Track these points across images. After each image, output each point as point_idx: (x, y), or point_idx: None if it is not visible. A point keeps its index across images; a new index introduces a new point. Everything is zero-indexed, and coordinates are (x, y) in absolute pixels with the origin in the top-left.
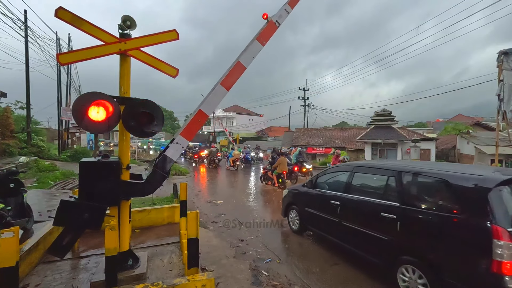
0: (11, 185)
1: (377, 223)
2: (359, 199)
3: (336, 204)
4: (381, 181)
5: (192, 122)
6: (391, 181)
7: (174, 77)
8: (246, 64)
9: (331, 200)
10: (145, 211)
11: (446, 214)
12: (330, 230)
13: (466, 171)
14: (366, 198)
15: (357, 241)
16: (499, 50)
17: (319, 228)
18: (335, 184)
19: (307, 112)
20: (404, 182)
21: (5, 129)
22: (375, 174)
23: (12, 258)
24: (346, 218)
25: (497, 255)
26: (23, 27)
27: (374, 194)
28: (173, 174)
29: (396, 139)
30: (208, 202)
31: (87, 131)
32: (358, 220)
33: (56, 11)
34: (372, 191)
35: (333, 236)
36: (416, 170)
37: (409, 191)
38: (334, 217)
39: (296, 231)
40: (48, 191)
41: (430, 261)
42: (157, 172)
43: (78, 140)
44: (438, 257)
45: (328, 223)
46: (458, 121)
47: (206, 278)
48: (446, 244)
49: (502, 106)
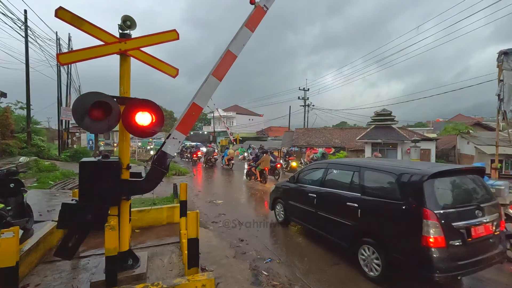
0: (11, 185)
1: (344, 211)
2: (330, 191)
3: (313, 197)
4: (347, 175)
5: (187, 115)
6: (355, 176)
7: (174, 77)
8: (236, 52)
9: (309, 193)
10: (145, 211)
11: (394, 201)
12: (308, 219)
13: (409, 166)
14: (336, 190)
15: (329, 227)
16: (499, 50)
17: (300, 219)
18: (313, 179)
19: (307, 112)
20: (364, 176)
21: (5, 129)
22: (343, 170)
23: (12, 258)
24: (321, 208)
25: (425, 232)
26: (23, 27)
27: (342, 187)
28: (173, 174)
29: (396, 139)
30: (208, 202)
31: (87, 131)
32: (329, 210)
33: (56, 11)
34: (341, 184)
35: (311, 224)
36: (372, 166)
37: (367, 183)
38: (312, 208)
39: (281, 222)
40: (48, 191)
41: (381, 241)
42: (156, 169)
43: (78, 140)
44: (387, 237)
45: (307, 214)
46: (458, 121)
47: (206, 278)
48: (393, 226)
49: (502, 106)
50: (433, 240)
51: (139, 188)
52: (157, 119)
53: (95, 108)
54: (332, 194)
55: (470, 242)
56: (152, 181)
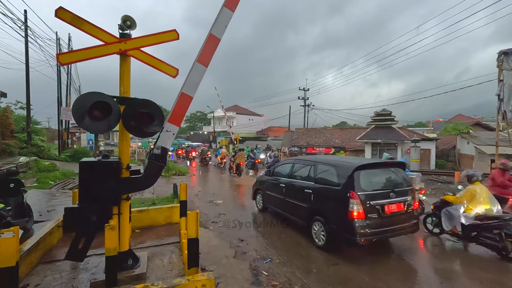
0: (11, 185)
1: (303, 197)
2: (295, 181)
3: (283, 186)
4: (306, 169)
5: (178, 106)
6: (311, 169)
7: (174, 77)
8: (219, 35)
9: (280, 184)
10: (145, 211)
11: (333, 187)
12: (279, 205)
13: (345, 161)
14: (298, 181)
15: (293, 210)
16: (499, 50)
17: (274, 205)
18: (283, 172)
19: (307, 112)
20: (317, 169)
21: (5, 129)
22: (304, 164)
23: (12, 258)
24: (288, 196)
25: (351, 208)
26: (23, 27)
27: (303, 178)
28: (173, 174)
29: (396, 139)
30: (208, 202)
31: (87, 131)
32: (293, 196)
33: (56, 11)
34: (301, 176)
35: (281, 209)
36: (322, 161)
37: (318, 174)
38: (282, 196)
39: (260, 209)
40: (48, 191)
41: (325, 217)
42: (154, 163)
43: (78, 140)
44: (329, 214)
45: (278, 201)
46: (458, 121)
47: (206, 278)
48: (333, 205)
49: (502, 106)
50: (356, 214)
51: (139, 185)
52: (157, 119)
53: (95, 108)
54: (296, 183)
55: (384, 216)
56: (151, 176)
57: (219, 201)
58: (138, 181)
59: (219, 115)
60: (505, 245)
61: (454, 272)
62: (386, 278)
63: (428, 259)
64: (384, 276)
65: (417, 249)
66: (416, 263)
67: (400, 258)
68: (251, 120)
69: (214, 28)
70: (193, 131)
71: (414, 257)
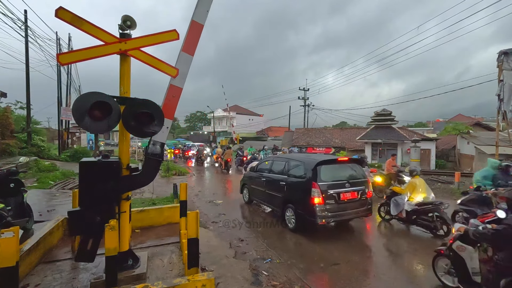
0: (11, 185)
1: (279, 188)
2: (273, 175)
3: (264, 180)
4: (282, 165)
5: (168, 99)
6: (285, 165)
7: (174, 77)
8: (201, 21)
9: (262, 178)
10: (145, 211)
11: (300, 179)
12: (261, 197)
13: (310, 157)
14: (276, 175)
15: (271, 200)
16: (499, 50)
17: (257, 197)
18: (265, 168)
19: (307, 112)
20: (289, 165)
21: (5, 129)
22: (280, 161)
23: (12, 258)
24: (268, 188)
25: (312, 195)
26: (23, 27)
27: (279, 173)
28: (173, 174)
29: (396, 139)
30: (208, 202)
31: (87, 131)
32: (272, 188)
33: (56, 11)
34: (278, 171)
35: (262, 200)
36: (292, 158)
37: (289, 169)
38: (263, 188)
39: (246, 202)
40: (48, 191)
41: (294, 204)
42: (151, 159)
43: (78, 140)
44: (297, 201)
45: (260, 193)
46: (458, 121)
47: (206, 278)
48: (300, 194)
49: (502, 106)
50: (316, 201)
51: (139, 182)
52: (157, 119)
53: (95, 108)
54: (273, 177)
55: (340, 202)
56: (149, 172)
57: (219, 201)
58: (137, 178)
59: (219, 115)
60: (436, 224)
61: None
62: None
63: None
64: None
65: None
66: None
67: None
68: (251, 120)
69: (195, 15)
70: (193, 131)
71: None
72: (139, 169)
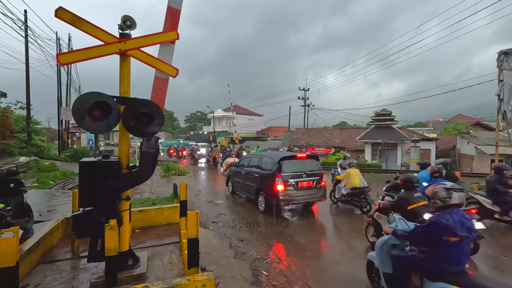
0: (11, 185)
1: (254, 179)
2: (250, 169)
3: (243, 174)
4: (256, 160)
5: (155, 92)
6: (259, 160)
7: (174, 77)
8: (178, 6)
9: (242, 172)
10: (145, 211)
11: (269, 171)
12: (241, 187)
13: (276, 154)
14: (252, 169)
15: (248, 189)
16: (499, 50)
17: (238, 188)
18: (244, 164)
19: (307, 112)
20: (262, 160)
21: (5, 129)
22: (255, 158)
23: (12, 258)
24: (246, 180)
25: (276, 183)
26: (23, 27)
27: (254, 167)
28: (173, 174)
29: (396, 139)
30: (208, 202)
31: (87, 131)
32: (249, 180)
33: (56, 11)
34: (254, 165)
35: (242, 190)
36: (263, 155)
37: (261, 164)
38: (242, 180)
39: (230, 193)
40: (48, 191)
41: (264, 191)
42: (147, 153)
43: (78, 140)
44: (266, 188)
45: (240, 184)
46: (458, 121)
47: (206, 278)
48: (268, 183)
49: (502, 106)
50: (279, 188)
51: (137, 178)
52: (157, 119)
53: (95, 108)
54: (251, 171)
55: (298, 189)
56: (147, 167)
57: (219, 201)
58: (135, 174)
59: (219, 115)
60: (362, 204)
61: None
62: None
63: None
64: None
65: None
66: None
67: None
68: (251, 120)
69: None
70: (193, 131)
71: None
72: None
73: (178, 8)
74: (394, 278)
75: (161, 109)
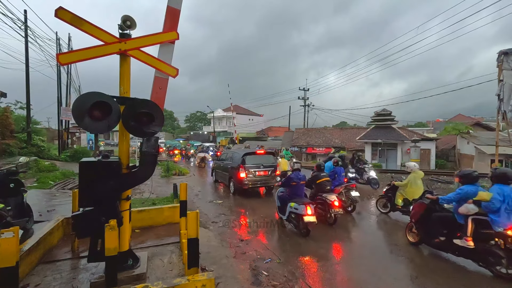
0: (11, 185)
1: (227, 170)
2: (226, 162)
3: (221, 165)
4: (230, 156)
5: (155, 92)
6: (231, 156)
7: (174, 77)
8: (177, 5)
9: (221, 164)
10: (145, 211)
11: (236, 164)
12: (220, 177)
13: (243, 151)
14: (227, 162)
15: (224, 178)
16: (499, 50)
17: (218, 177)
18: (223, 158)
19: (307, 112)
20: (233, 156)
21: (5, 129)
22: (230, 154)
23: (12, 258)
24: (223, 170)
25: (240, 172)
26: (23, 27)
27: (229, 160)
28: (173, 174)
29: (396, 139)
30: (208, 202)
31: (87, 131)
32: (225, 170)
33: (56, 11)
34: (228, 159)
35: (220, 179)
36: (234, 151)
37: (232, 159)
38: (221, 171)
39: (214, 181)
40: (48, 191)
41: (233, 178)
42: (147, 153)
43: (78, 140)
44: (233, 176)
45: (220, 174)
46: (458, 121)
47: (206, 278)
48: (235, 172)
49: (502, 106)
50: (242, 176)
51: (137, 178)
52: (157, 119)
53: (95, 108)
54: (226, 163)
55: (256, 176)
56: (147, 167)
57: (219, 200)
58: (135, 174)
59: (219, 115)
60: None
61: None
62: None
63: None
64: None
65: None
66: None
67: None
68: (251, 120)
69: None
70: (193, 131)
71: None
72: None
73: (177, 8)
74: (280, 208)
75: (161, 109)
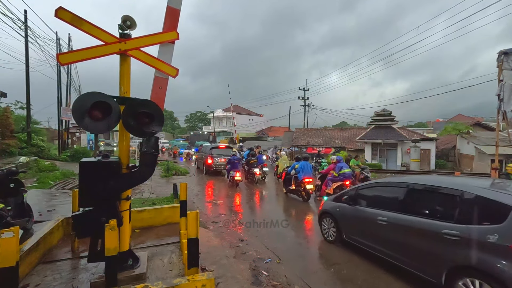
0: (11, 185)
1: (202, 158)
2: (202, 154)
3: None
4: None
5: (155, 91)
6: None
7: (174, 77)
8: (177, 5)
9: (199, 155)
10: (145, 211)
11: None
12: (199, 164)
13: (211, 146)
14: (203, 153)
15: (200, 164)
16: (499, 50)
17: (199, 165)
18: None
19: (307, 112)
20: (206, 149)
21: (5, 129)
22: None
23: (12, 258)
24: (199, 159)
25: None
26: (23, 27)
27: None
28: (173, 174)
29: (396, 139)
30: (208, 202)
31: (87, 131)
32: (201, 159)
33: (56, 11)
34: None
35: (199, 164)
36: (208, 146)
37: (205, 151)
38: (199, 159)
39: (204, 173)
40: (48, 191)
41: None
42: (147, 153)
43: (78, 140)
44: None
45: (199, 163)
46: (458, 121)
47: (206, 278)
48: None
49: (502, 106)
50: (209, 162)
51: (137, 178)
52: (157, 119)
53: (95, 108)
54: (203, 155)
55: (218, 162)
56: (147, 167)
57: (219, 200)
58: (135, 174)
59: (219, 115)
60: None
61: None
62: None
63: None
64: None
65: None
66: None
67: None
68: (251, 120)
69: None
70: (193, 131)
71: None
72: None
73: (177, 8)
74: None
75: (161, 109)
